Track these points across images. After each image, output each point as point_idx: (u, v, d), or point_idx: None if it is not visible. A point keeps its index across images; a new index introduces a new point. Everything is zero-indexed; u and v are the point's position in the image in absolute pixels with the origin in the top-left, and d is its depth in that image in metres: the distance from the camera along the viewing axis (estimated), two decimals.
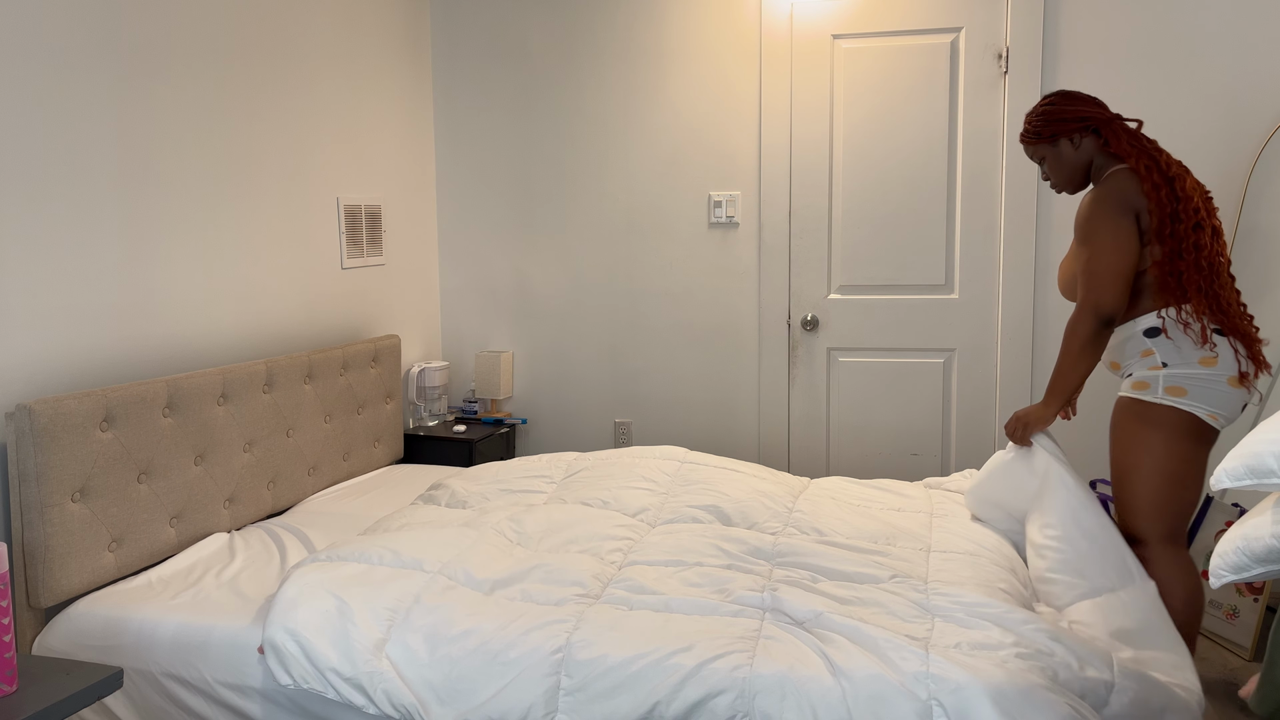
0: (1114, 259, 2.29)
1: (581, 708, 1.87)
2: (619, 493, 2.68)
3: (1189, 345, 2.31)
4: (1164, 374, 2.32)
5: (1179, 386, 2.30)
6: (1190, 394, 2.29)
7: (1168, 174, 2.34)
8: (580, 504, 2.65)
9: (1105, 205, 2.32)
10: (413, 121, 3.87)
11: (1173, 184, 2.33)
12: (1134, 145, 2.39)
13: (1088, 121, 2.44)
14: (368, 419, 3.34)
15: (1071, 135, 2.45)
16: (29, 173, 2.27)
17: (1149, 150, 2.38)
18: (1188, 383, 2.30)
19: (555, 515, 2.52)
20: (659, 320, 3.87)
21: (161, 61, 2.63)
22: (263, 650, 2.05)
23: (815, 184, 3.66)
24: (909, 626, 1.97)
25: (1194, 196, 2.33)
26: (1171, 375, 2.31)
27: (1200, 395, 2.29)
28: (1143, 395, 2.34)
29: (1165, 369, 2.32)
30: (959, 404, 3.62)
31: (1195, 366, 2.30)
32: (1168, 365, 2.32)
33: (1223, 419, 2.30)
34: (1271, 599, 3.21)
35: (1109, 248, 2.30)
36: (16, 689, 1.57)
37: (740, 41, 3.68)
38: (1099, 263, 2.30)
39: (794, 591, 2.09)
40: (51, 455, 2.17)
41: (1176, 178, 2.33)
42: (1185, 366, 2.31)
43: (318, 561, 2.22)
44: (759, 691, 1.81)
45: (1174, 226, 2.31)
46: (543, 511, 2.54)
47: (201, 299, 2.79)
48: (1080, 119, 2.44)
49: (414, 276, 3.90)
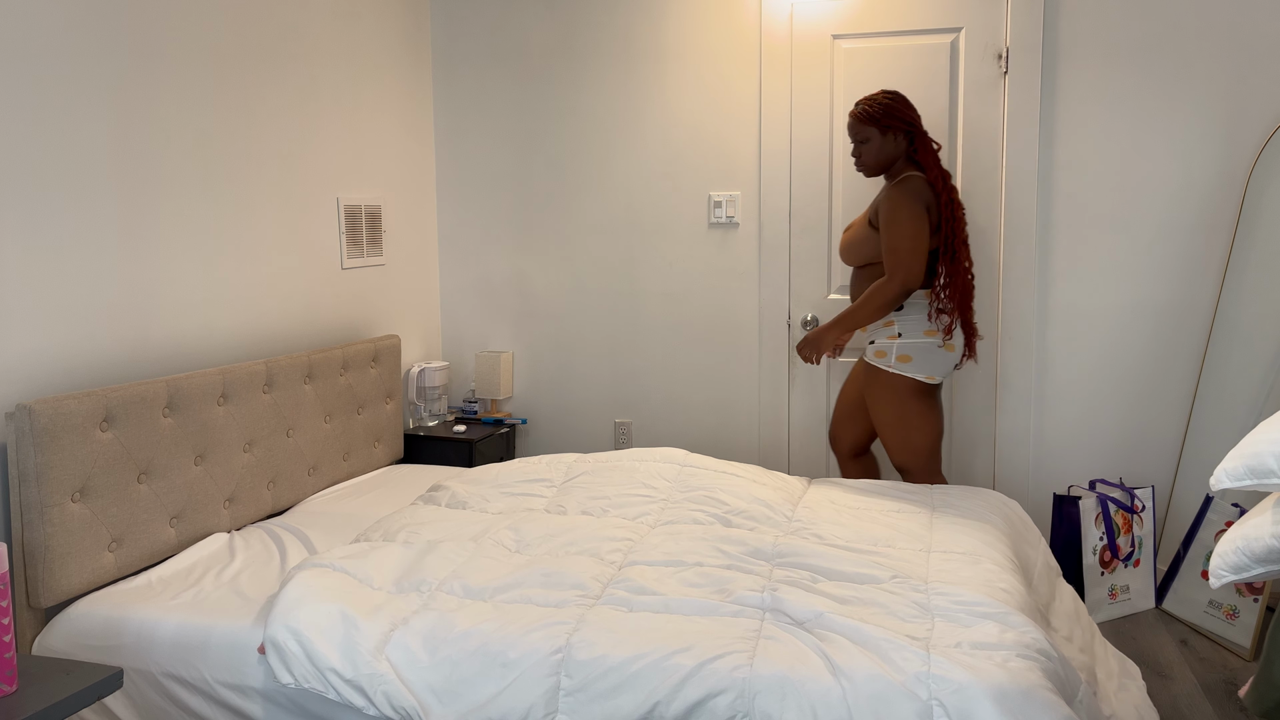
0: (918, 242, 2.85)
1: (582, 708, 1.87)
2: (619, 500, 2.69)
3: (920, 319, 2.94)
4: (898, 344, 2.93)
5: (907, 355, 2.92)
6: (915, 360, 2.92)
7: (950, 190, 2.93)
8: (581, 513, 2.65)
9: (913, 199, 2.86)
10: (413, 121, 3.87)
11: (952, 197, 2.93)
12: (934, 160, 2.96)
13: (912, 126, 2.96)
14: (368, 419, 3.34)
15: (897, 131, 2.95)
16: (29, 172, 2.27)
17: (941, 166, 2.97)
18: (914, 351, 2.92)
19: (555, 525, 2.52)
20: (659, 320, 3.87)
21: (162, 62, 2.63)
22: (263, 650, 2.05)
23: (815, 184, 3.66)
24: (909, 626, 1.97)
25: (960, 211, 2.96)
26: (904, 345, 2.92)
27: (921, 361, 2.93)
28: (880, 364, 2.96)
29: (900, 339, 2.93)
30: (959, 404, 3.62)
31: (921, 337, 2.93)
32: (902, 335, 2.93)
33: (938, 378, 2.96)
34: (1271, 599, 3.22)
35: (914, 233, 2.84)
36: (16, 689, 1.57)
37: (740, 42, 3.68)
38: (908, 244, 2.83)
39: (794, 592, 2.09)
40: (51, 455, 2.17)
41: (954, 192, 2.95)
42: (913, 337, 2.92)
43: (319, 567, 2.22)
44: (759, 692, 1.81)
45: (946, 229, 2.92)
46: (542, 520, 2.55)
47: (201, 299, 2.79)
48: (908, 121, 2.95)
49: (414, 276, 3.90)
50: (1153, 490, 3.37)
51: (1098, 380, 3.50)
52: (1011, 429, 3.57)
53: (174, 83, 2.67)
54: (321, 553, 2.35)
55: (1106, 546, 3.25)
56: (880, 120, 2.93)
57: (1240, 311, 3.21)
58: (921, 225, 2.85)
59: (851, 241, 3.04)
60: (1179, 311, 3.40)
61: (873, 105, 2.94)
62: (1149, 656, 2.97)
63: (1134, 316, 3.44)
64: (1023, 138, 3.44)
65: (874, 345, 2.99)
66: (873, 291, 2.88)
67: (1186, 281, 3.39)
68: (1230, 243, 3.31)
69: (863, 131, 2.96)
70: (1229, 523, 3.07)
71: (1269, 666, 1.86)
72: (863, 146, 2.98)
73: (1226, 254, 3.34)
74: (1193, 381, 3.42)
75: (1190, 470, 3.33)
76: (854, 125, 2.98)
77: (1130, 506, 3.30)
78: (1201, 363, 3.37)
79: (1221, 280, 3.34)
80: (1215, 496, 3.12)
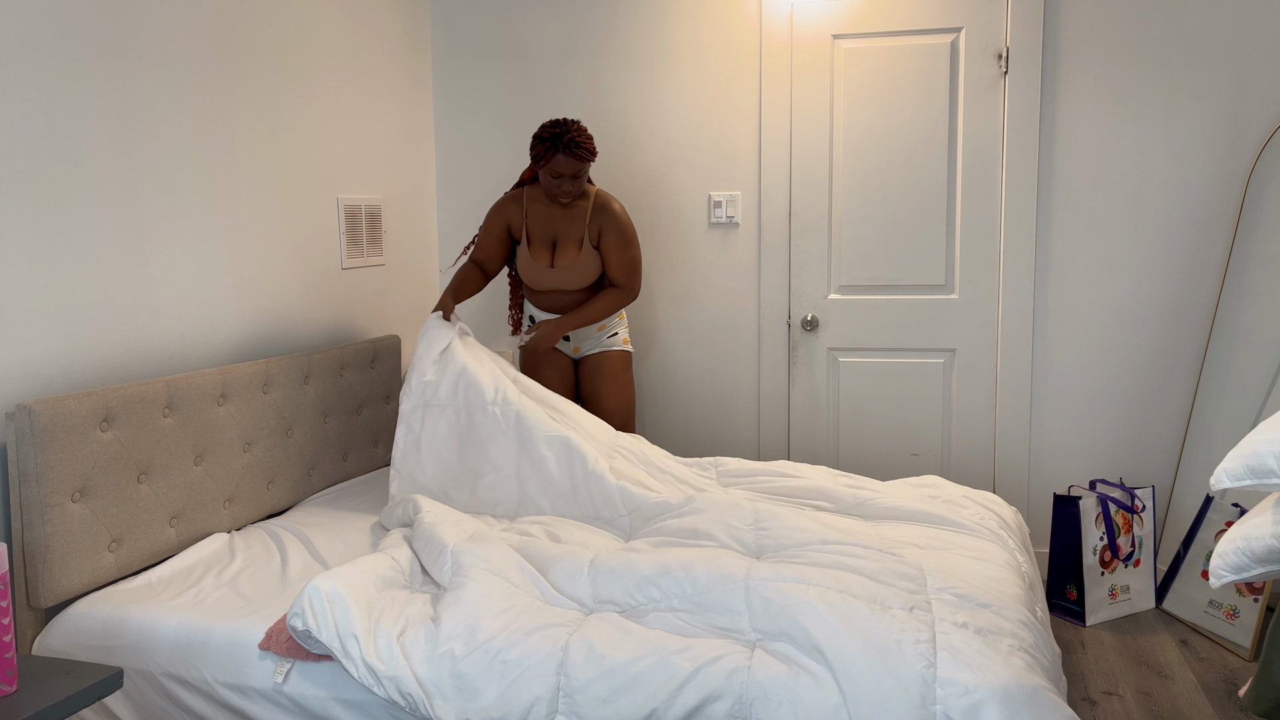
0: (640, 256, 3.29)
1: (582, 709, 1.87)
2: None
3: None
4: (624, 330, 3.39)
5: (627, 338, 3.42)
6: (630, 341, 3.49)
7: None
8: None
9: (630, 218, 3.27)
10: (413, 121, 3.87)
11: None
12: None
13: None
14: (367, 419, 3.34)
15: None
16: (28, 172, 2.27)
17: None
18: (627, 333, 3.43)
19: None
20: (659, 320, 3.87)
21: (161, 61, 2.63)
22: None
23: (815, 184, 3.66)
24: (911, 614, 1.96)
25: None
26: (625, 331, 3.41)
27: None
28: (627, 348, 3.38)
29: (625, 327, 3.40)
30: (959, 404, 3.62)
31: (623, 325, 3.41)
32: (621, 321, 3.40)
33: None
34: (1271, 599, 3.22)
35: (639, 249, 3.32)
36: (16, 689, 1.57)
37: (740, 41, 3.68)
38: (639, 259, 3.25)
39: (782, 572, 2.09)
40: (51, 455, 2.17)
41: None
42: (623, 326, 3.41)
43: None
44: (756, 699, 1.81)
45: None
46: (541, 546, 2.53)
47: (201, 299, 2.79)
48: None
49: (414, 276, 3.90)
50: (1153, 490, 3.37)
51: (1098, 380, 3.50)
52: (1011, 429, 3.57)
53: (174, 82, 2.67)
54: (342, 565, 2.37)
55: (1107, 546, 3.25)
56: (594, 154, 3.11)
57: (1240, 311, 3.21)
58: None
59: (581, 265, 3.20)
60: (1179, 311, 3.40)
61: (590, 142, 3.09)
62: (1149, 656, 2.97)
63: (1134, 316, 3.44)
64: (1023, 137, 3.44)
65: (617, 335, 3.37)
66: (603, 299, 3.22)
67: (1186, 281, 3.39)
68: (1230, 243, 3.31)
69: (585, 169, 3.12)
70: (1229, 523, 3.07)
71: (1269, 666, 1.85)
72: (575, 181, 3.11)
73: (1226, 254, 3.34)
74: (1193, 381, 3.42)
75: (1190, 470, 3.33)
76: (577, 166, 3.08)
77: (1130, 506, 3.30)
78: (1201, 363, 3.37)
79: (1221, 280, 3.35)
80: (1215, 496, 3.12)
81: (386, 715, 1.99)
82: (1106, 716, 2.61)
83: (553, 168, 3.08)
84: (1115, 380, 3.48)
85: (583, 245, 3.20)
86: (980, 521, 2.57)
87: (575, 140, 3.05)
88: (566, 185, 3.11)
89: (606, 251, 3.21)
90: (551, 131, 3.06)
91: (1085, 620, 3.21)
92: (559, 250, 3.24)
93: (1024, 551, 2.55)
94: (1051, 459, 3.57)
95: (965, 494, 2.79)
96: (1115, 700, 2.70)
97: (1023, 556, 2.46)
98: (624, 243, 3.20)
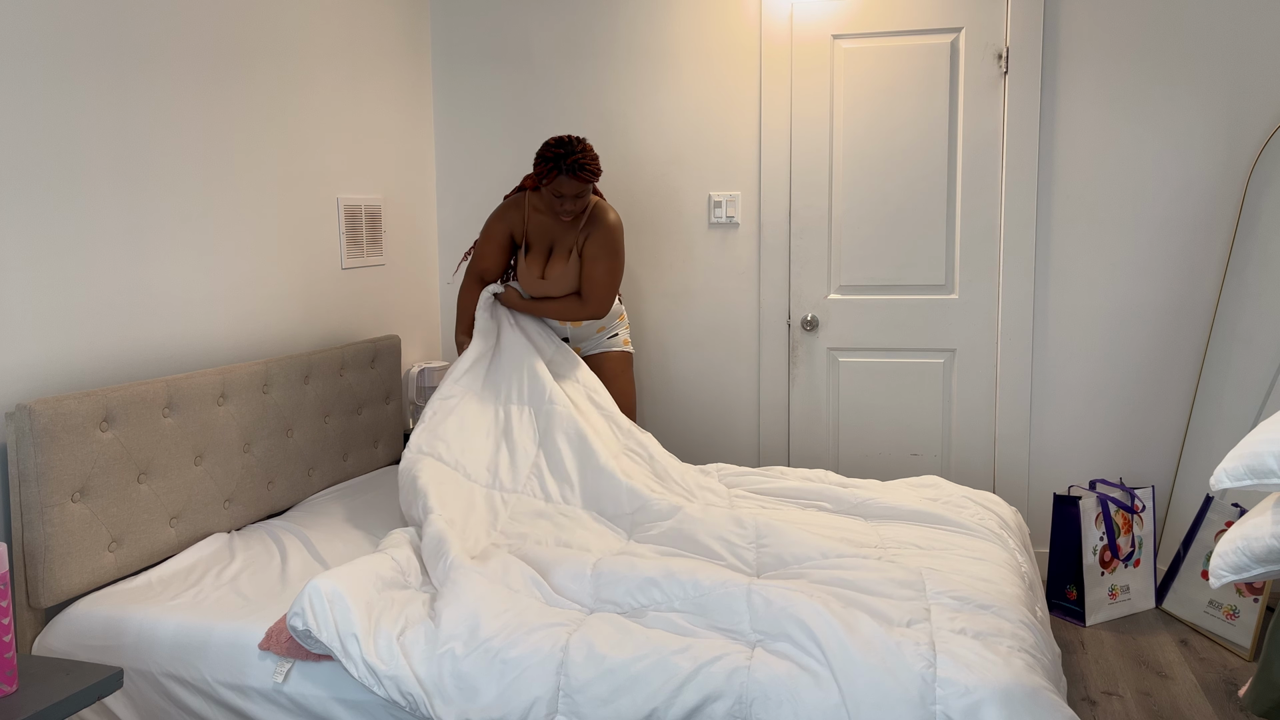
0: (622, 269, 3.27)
1: (582, 709, 1.87)
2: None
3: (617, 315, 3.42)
4: (624, 331, 3.40)
5: (628, 339, 3.44)
6: (630, 342, 3.48)
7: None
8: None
9: (621, 234, 3.19)
10: (413, 121, 3.87)
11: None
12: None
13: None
14: (367, 419, 3.34)
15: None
16: (29, 172, 2.27)
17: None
18: (628, 334, 3.45)
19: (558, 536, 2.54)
20: (658, 320, 3.87)
21: (161, 61, 2.63)
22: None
23: (815, 184, 3.66)
24: (911, 628, 1.96)
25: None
26: (626, 332, 3.42)
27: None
28: (627, 349, 3.40)
29: (625, 328, 3.42)
30: (959, 404, 3.62)
31: (623, 325, 3.43)
32: (621, 322, 3.41)
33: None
34: (1271, 599, 3.22)
35: (623, 262, 3.23)
36: (16, 689, 1.57)
37: (740, 41, 3.68)
38: (615, 279, 3.19)
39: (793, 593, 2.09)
40: (51, 455, 2.17)
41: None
42: (623, 328, 3.43)
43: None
44: (756, 698, 1.81)
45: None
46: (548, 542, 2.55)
47: (201, 299, 2.79)
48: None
49: (414, 276, 3.90)
50: (1153, 490, 3.37)
51: (1097, 380, 3.50)
52: (1011, 429, 3.57)
53: (173, 82, 2.67)
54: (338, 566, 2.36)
55: (1107, 546, 3.25)
56: (598, 174, 3.05)
57: (1240, 311, 3.21)
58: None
59: (567, 274, 3.17)
60: (1179, 311, 3.40)
61: (595, 163, 3.03)
62: (1149, 656, 2.97)
63: (1134, 316, 3.44)
64: (1023, 137, 3.44)
65: (618, 337, 3.39)
66: (567, 305, 3.21)
67: (1186, 281, 3.39)
68: (1230, 242, 3.31)
69: (589, 189, 3.07)
70: (1229, 523, 3.07)
71: (1269, 666, 1.85)
72: (577, 200, 3.06)
73: (1226, 254, 3.34)
74: (1193, 381, 3.42)
75: (1190, 470, 3.33)
76: (581, 188, 3.03)
77: (1130, 506, 3.30)
78: (1201, 363, 3.37)
79: (1221, 280, 3.35)
80: (1215, 496, 3.12)
81: (386, 715, 1.99)
82: (1106, 716, 2.61)
83: (555, 187, 3.02)
84: (1115, 380, 3.48)
85: (571, 254, 3.17)
86: (980, 522, 2.57)
87: (579, 162, 2.98)
88: (569, 205, 3.06)
89: (585, 260, 3.16)
90: (556, 151, 2.99)
91: (1085, 620, 3.21)
92: (552, 259, 3.22)
93: (1024, 551, 2.55)
94: (1051, 459, 3.57)
95: (965, 494, 2.79)
96: (1115, 700, 2.70)
97: (1023, 557, 2.46)
98: (604, 255, 3.14)
